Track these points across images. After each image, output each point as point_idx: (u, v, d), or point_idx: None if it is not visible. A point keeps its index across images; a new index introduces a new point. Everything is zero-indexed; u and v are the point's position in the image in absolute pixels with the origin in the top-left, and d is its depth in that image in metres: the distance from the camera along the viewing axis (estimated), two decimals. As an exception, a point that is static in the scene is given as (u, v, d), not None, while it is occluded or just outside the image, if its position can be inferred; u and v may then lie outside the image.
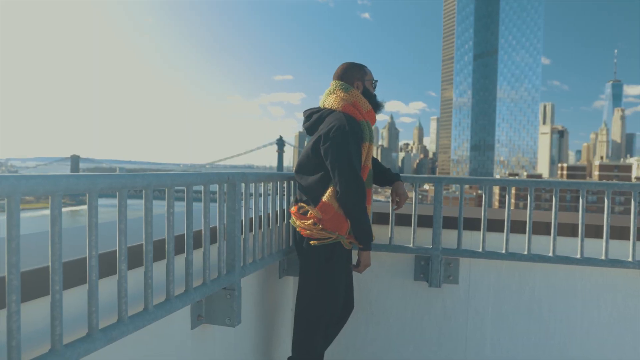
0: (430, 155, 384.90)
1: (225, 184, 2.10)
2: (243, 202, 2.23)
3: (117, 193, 1.43)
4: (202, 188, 1.95)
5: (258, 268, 2.46)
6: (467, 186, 3.12)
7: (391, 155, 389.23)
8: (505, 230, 2.92)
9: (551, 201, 2.87)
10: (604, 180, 2.52)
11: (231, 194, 2.14)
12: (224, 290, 2.15)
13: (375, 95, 2.69)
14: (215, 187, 2.06)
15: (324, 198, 2.43)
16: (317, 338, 2.60)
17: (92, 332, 1.36)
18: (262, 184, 2.48)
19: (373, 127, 2.57)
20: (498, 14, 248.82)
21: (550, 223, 2.91)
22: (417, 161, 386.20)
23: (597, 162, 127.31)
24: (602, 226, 2.87)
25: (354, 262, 2.84)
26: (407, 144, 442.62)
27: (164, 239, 1.73)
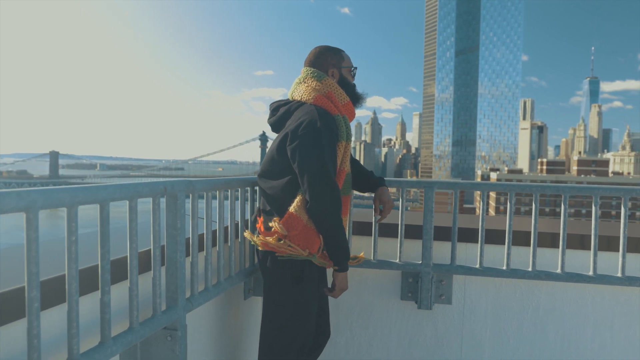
0: (413, 150, 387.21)
1: (164, 197, 1.70)
2: (190, 215, 1.90)
3: None
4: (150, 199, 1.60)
5: (212, 297, 2.08)
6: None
7: (374, 151, 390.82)
8: (506, 243, 2.57)
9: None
10: (620, 185, 2.44)
11: (171, 209, 1.75)
12: (165, 330, 1.75)
13: (354, 85, 2.29)
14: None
15: (291, 208, 2.05)
16: None
17: None
18: (217, 192, 2.11)
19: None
20: (479, 11, 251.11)
21: (558, 234, 2.56)
22: (400, 156, 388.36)
23: (575, 157, 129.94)
24: (618, 237, 2.50)
25: (329, 281, 2.45)
26: (390, 140, 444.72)
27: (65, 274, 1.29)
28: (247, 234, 2.22)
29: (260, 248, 2.12)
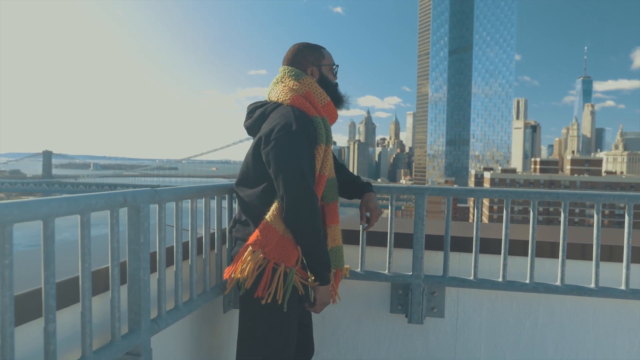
0: (407, 150, 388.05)
1: (125, 208, 1.54)
2: (157, 227, 1.73)
3: None
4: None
5: (183, 315, 1.89)
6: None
7: (368, 150, 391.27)
8: (502, 253, 2.43)
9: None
10: (622, 191, 2.46)
11: (134, 222, 1.58)
12: (127, 356, 1.58)
13: (335, 84, 2.14)
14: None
15: (267, 217, 1.91)
16: None
17: None
18: (190, 201, 1.95)
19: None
20: (473, 11, 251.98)
21: (558, 244, 2.41)
22: (394, 156, 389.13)
23: (568, 157, 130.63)
24: (621, 247, 2.35)
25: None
26: (384, 139, 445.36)
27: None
28: (226, 274, 2.01)
29: (246, 285, 1.93)
